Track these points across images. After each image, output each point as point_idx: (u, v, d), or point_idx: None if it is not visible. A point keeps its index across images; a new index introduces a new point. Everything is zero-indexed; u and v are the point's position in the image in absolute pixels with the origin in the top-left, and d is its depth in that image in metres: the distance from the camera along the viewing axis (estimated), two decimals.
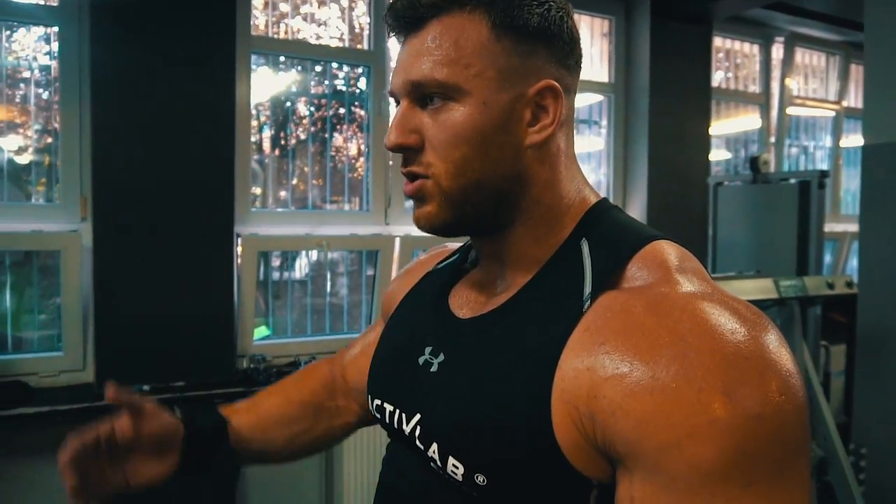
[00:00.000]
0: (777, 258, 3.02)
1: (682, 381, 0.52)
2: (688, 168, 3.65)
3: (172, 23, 2.45)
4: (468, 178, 0.67)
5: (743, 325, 0.55)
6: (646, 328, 0.56)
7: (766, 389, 0.52)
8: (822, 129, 4.63)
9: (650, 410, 0.53)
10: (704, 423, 0.51)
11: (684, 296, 0.58)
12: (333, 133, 3.11)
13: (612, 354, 0.56)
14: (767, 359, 0.53)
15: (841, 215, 4.47)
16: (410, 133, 0.68)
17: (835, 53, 4.54)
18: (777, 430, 0.51)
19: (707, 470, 0.51)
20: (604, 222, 0.70)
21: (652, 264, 0.63)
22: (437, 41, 0.66)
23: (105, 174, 2.40)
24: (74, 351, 2.44)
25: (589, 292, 0.63)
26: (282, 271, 3.08)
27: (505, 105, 0.66)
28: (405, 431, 0.73)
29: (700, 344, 0.53)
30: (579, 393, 0.57)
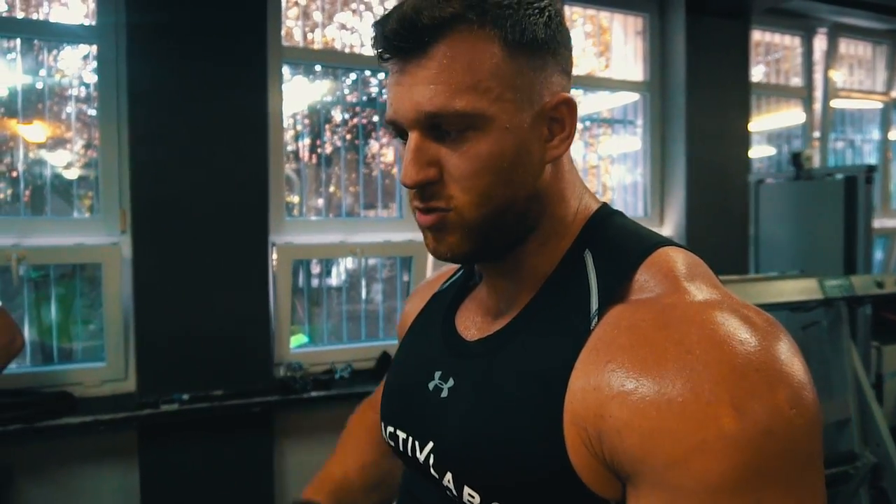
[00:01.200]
0: (823, 257, 2.92)
1: (688, 395, 0.50)
2: (727, 166, 3.56)
3: (205, 37, 2.50)
4: (492, 207, 0.63)
5: (753, 335, 0.53)
6: (652, 342, 0.54)
7: (777, 402, 0.50)
8: (870, 121, 4.47)
9: (656, 426, 0.51)
10: (712, 438, 0.49)
11: (693, 306, 0.56)
12: (368, 140, 3.12)
13: (617, 372, 0.55)
14: (778, 370, 0.51)
15: (892, 210, 4.30)
16: (429, 167, 0.63)
17: (881, 43, 4.38)
18: (787, 444, 0.50)
19: (715, 485, 0.49)
20: (606, 230, 0.67)
21: (659, 273, 0.61)
22: (448, 66, 0.60)
23: (143, 187, 2.45)
24: (116, 361, 2.50)
25: (596, 309, 0.61)
26: (321, 278, 3.11)
27: (527, 126, 0.63)
28: (419, 459, 0.71)
29: (707, 356, 0.51)
30: (587, 413, 0.56)
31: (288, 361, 2.73)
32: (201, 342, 2.51)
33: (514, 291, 0.70)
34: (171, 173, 2.48)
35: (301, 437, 2.76)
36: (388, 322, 3.17)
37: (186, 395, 2.44)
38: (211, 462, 2.52)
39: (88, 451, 2.43)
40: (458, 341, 0.73)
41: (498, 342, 0.67)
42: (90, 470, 2.45)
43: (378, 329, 3.15)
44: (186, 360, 2.49)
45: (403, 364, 0.82)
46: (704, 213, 3.49)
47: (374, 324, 3.16)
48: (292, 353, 2.79)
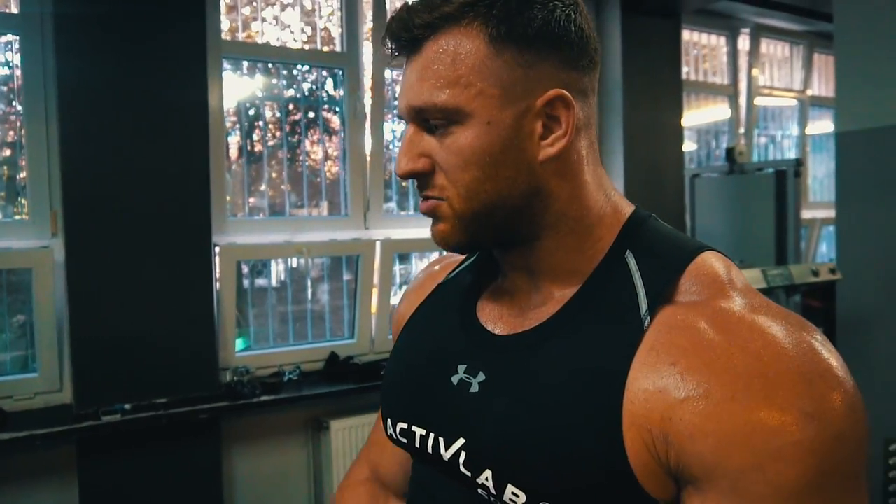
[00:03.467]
0: (756, 247, 3.06)
1: (762, 402, 0.52)
2: (663, 160, 3.68)
3: (141, 29, 2.38)
4: (481, 201, 0.64)
5: (808, 342, 0.55)
6: (717, 347, 0.55)
7: (843, 406, 0.52)
8: (789, 118, 4.71)
9: (730, 432, 0.52)
10: (788, 445, 0.51)
11: (745, 311, 0.58)
12: (304, 138, 3.06)
13: (685, 375, 0.55)
14: (838, 375, 0.54)
15: (810, 202, 4.54)
16: (419, 158, 0.65)
17: (798, 43, 4.62)
18: (855, 447, 0.52)
19: (789, 491, 0.51)
20: (646, 233, 0.68)
21: (705, 278, 0.62)
22: (434, 63, 0.63)
23: (75, 187, 2.31)
24: (50, 371, 2.35)
25: (646, 309, 0.61)
26: (251, 279, 3.01)
27: (511, 122, 0.63)
28: (443, 457, 0.68)
29: (777, 363, 0.53)
30: (652, 416, 0.56)
31: (234, 366, 2.64)
32: (142, 349, 2.40)
33: (544, 287, 0.69)
34: (105, 172, 2.35)
35: (250, 443, 2.69)
36: (335, 321, 3.12)
37: (128, 404, 2.33)
38: (156, 474, 2.42)
39: (21, 469, 2.28)
40: (486, 334, 0.71)
41: (538, 337, 0.66)
42: (24, 489, 2.30)
43: (324, 330, 3.10)
44: (127, 368, 2.37)
45: (409, 358, 0.79)
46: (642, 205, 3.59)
47: (320, 324, 3.10)
48: (237, 356, 2.71)
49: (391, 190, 3.22)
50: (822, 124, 4.94)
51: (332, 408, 2.76)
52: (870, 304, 2.65)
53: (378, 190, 3.06)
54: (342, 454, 2.70)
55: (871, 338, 2.64)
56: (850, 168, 2.72)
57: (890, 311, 2.61)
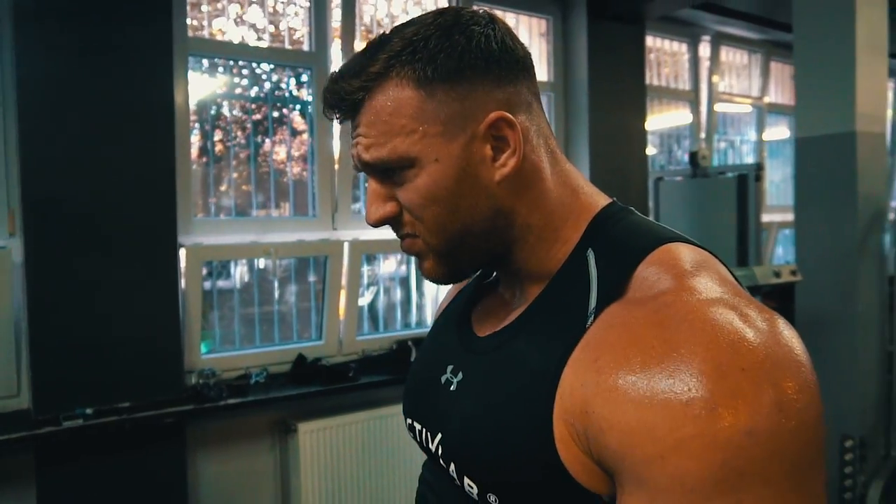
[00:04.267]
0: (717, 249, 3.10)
1: (668, 393, 0.50)
2: (627, 164, 3.74)
3: (104, 25, 2.32)
4: (449, 232, 0.67)
5: (750, 333, 0.52)
6: (640, 340, 0.54)
7: (761, 403, 0.49)
8: (747, 123, 4.83)
9: (635, 423, 0.52)
10: (689, 437, 0.49)
11: (691, 303, 0.55)
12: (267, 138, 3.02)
13: (603, 369, 0.55)
14: (768, 370, 0.50)
15: (767, 206, 4.67)
16: (386, 203, 0.69)
17: (756, 51, 4.75)
18: (771, 447, 0.48)
19: (691, 485, 0.49)
20: (612, 228, 0.67)
21: (661, 269, 0.60)
22: (374, 121, 0.65)
23: (34, 186, 2.24)
24: (6, 376, 2.27)
25: (594, 307, 0.61)
26: (214, 280, 2.96)
27: (459, 154, 0.65)
28: (432, 450, 0.74)
29: (693, 354, 0.51)
30: (575, 410, 0.57)
31: (199, 368, 2.59)
32: (105, 351, 2.33)
33: (523, 291, 0.72)
34: (66, 170, 2.28)
35: (217, 447, 2.64)
36: (301, 323, 3.09)
37: (90, 409, 2.26)
38: (119, 480, 2.35)
39: None
40: (471, 337, 0.75)
41: (502, 338, 0.69)
42: None
43: (292, 331, 3.06)
44: (89, 372, 2.31)
45: (422, 358, 0.85)
46: None
47: (288, 326, 3.06)
48: (203, 358, 2.66)
49: (359, 191, 3.21)
50: (779, 130, 5.09)
51: (299, 410, 2.73)
52: (827, 305, 2.74)
53: (346, 191, 3.04)
54: (310, 457, 2.67)
55: (827, 337, 2.73)
56: (808, 173, 2.81)
57: (845, 311, 2.70)
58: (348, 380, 2.75)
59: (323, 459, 2.70)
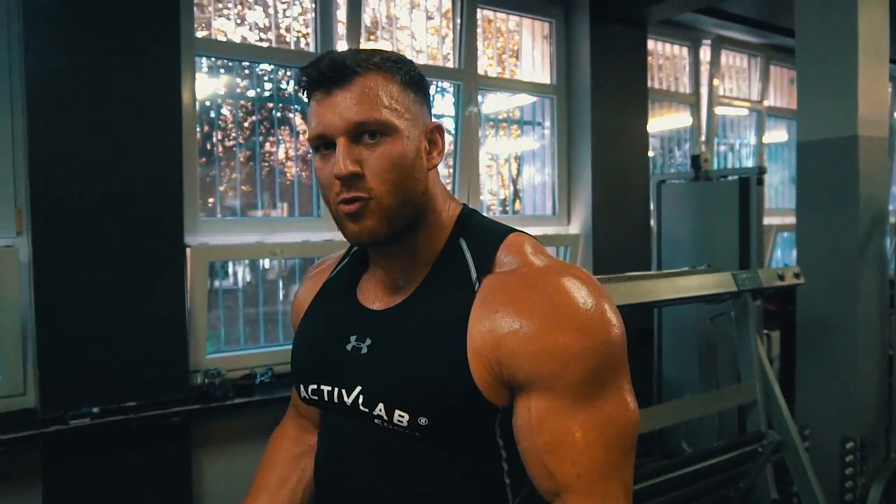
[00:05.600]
0: (720, 252, 3.15)
1: (556, 328, 0.79)
2: (629, 166, 3.76)
3: (114, 23, 2.33)
4: (401, 196, 0.86)
5: (582, 286, 0.82)
6: (523, 296, 0.82)
7: (608, 325, 0.80)
8: (746, 127, 4.86)
9: (538, 349, 0.79)
10: (576, 353, 0.78)
11: (542, 270, 0.85)
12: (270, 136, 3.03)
13: (505, 317, 0.82)
14: (603, 305, 0.81)
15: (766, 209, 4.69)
16: (355, 163, 0.84)
17: (756, 55, 4.78)
18: (616, 348, 0.81)
19: (580, 382, 0.79)
20: (473, 224, 0.94)
21: (512, 251, 0.88)
22: (369, 92, 0.84)
23: (42, 185, 2.24)
24: (14, 375, 2.28)
25: (475, 277, 0.87)
26: (220, 280, 2.96)
27: (417, 138, 0.88)
28: (346, 403, 0.91)
29: (562, 302, 0.80)
30: (486, 346, 0.82)
31: (205, 368, 2.60)
32: (111, 350, 2.34)
33: (409, 270, 0.92)
34: (74, 169, 2.29)
35: (222, 447, 2.64)
36: None
37: (97, 407, 2.27)
38: (125, 479, 2.36)
39: None
40: (367, 312, 0.95)
41: (405, 309, 0.90)
42: None
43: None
44: (95, 371, 2.31)
45: (312, 336, 1.00)
46: (609, 211, 3.67)
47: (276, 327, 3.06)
48: (208, 358, 2.66)
49: None
50: (778, 134, 5.12)
51: None
52: (828, 308, 2.76)
53: None
54: None
55: (829, 340, 2.75)
56: (809, 176, 2.83)
57: (846, 314, 2.72)
58: None
59: None
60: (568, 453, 0.79)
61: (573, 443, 0.79)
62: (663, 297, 2.15)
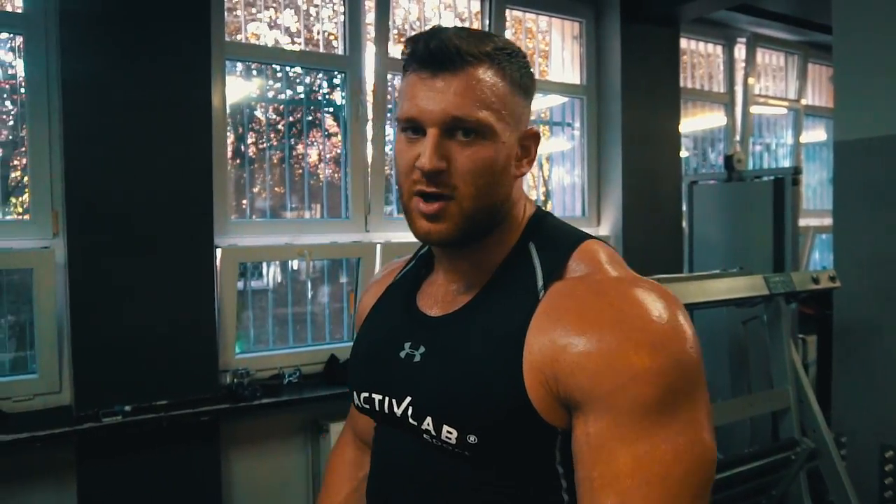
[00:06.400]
0: (753, 255, 3.08)
1: (622, 341, 0.70)
2: (660, 167, 3.70)
3: (146, 29, 2.38)
4: (485, 202, 0.80)
5: (658, 299, 0.73)
6: (590, 305, 0.74)
7: (682, 343, 0.71)
8: (783, 126, 4.75)
9: (600, 364, 0.70)
10: (643, 371, 0.68)
11: (614, 280, 0.77)
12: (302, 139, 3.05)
13: (567, 327, 0.73)
14: (679, 321, 0.72)
15: (803, 210, 4.58)
16: (441, 159, 0.78)
17: (793, 53, 4.67)
18: (690, 370, 0.71)
19: (646, 404, 0.68)
20: (544, 227, 0.87)
21: (585, 259, 0.81)
22: (475, 86, 0.77)
23: (77, 187, 2.30)
24: (50, 373, 2.34)
25: (542, 285, 0.80)
26: (248, 280, 3.00)
27: (512, 144, 0.82)
28: (396, 414, 0.85)
29: (632, 313, 0.72)
30: (544, 360, 0.74)
31: (234, 368, 2.63)
32: (143, 350, 2.38)
33: (470, 277, 0.87)
34: (107, 173, 2.34)
35: (250, 446, 2.68)
36: (333, 324, 3.12)
37: (129, 406, 2.31)
38: (155, 476, 2.40)
39: (20, 470, 2.27)
40: (424, 318, 0.89)
41: (463, 315, 0.84)
42: (23, 491, 2.28)
43: (325, 332, 3.09)
44: (128, 370, 2.36)
45: (369, 341, 0.96)
46: (640, 213, 3.62)
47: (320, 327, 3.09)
48: (237, 358, 2.70)
49: (391, 194, 3.23)
50: (816, 133, 5.00)
51: (331, 410, 2.75)
52: (866, 312, 2.68)
53: (379, 193, 3.06)
54: None
55: (867, 345, 2.67)
56: (847, 177, 2.75)
57: (885, 319, 2.64)
58: None
59: None
60: (624, 491, 0.67)
61: (631, 479, 0.67)
62: (694, 300, 2.11)
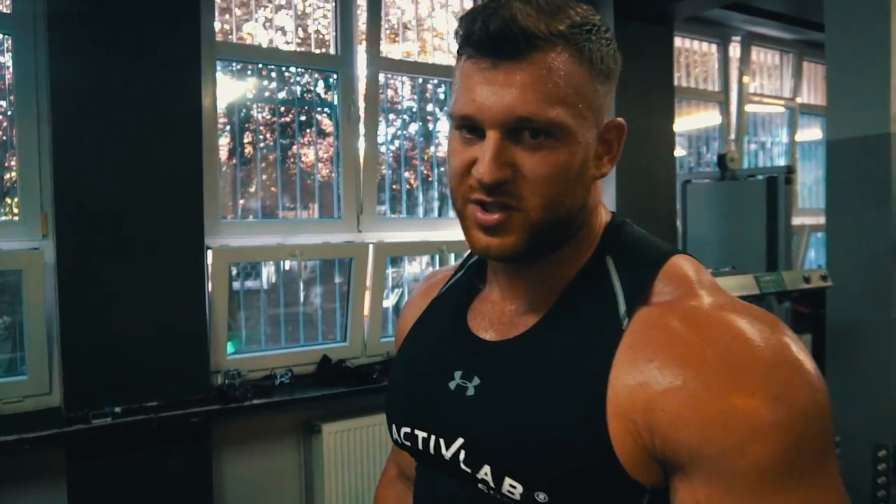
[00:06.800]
0: (747, 254, 3.08)
1: (735, 389, 0.57)
2: (655, 166, 3.69)
3: (135, 29, 2.37)
4: (556, 213, 0.67)
5: (772, 333, 0.59)
6: (689, 342, 0.60)
7: (810, 390, 0.57)
8: (778, 125, 4.75)
9: (708, 418, 0.57)
10: (762, 426, 0.55)
11: (713, 308, 0.63)
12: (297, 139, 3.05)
13: (663, 369, 0.60)
14: (801, 361, 0.59)
15: (799, 209, 4.58)
16: (504, 167, 0.65)
17: (788, 52, 4.66)
18: (821, 425, 0.57)
19: (767, 468, 0.56)
20: (622, 239, 0.73)
21: (675, 279, 0.67)
22: (546, 77, 0.63)
23: (67, 188, 2.29)
24: (39, 374, 2.33)
25: (625, 310, 0.66)
26: (241, 280, 3.00)
27: (592, 143, 0.68)
28: (444, 456, 0.73)
29: (743, 354, 0.58)
30: (635, 407, 0.61)
31: (225, 368, 2.63)
32: (133, 351, 2.38)
33: (535, 294, 0.73)
34: (97, 173, 2.33)
35: (242, 447, 2.67)
36: (326, 324, 3.11)
37: (119, 407, 2.31)
38: (146, 477, 2.39)
39: (10, 472, 2.26)
40: (477, 342, 0.75)
41: (527, 341, 0.70)
42: (12, 493, 2.27)
43: (317, 332, 3.09)
44: (118, 371, 2.35)
45: (412, 366, 0.83)
46: (634, 211, 3.61)
47: (313, 327, 3.09)
48: (229, 359, 2.69)
49: (384, 193, 3.22)
50: (812, 132, 4.99)
51: (324, 411, 2.75)
52: (859, 311, 2.67)
53: (371, 193, 3.05)
54: (334, 458, 2.69)
55: (860, 344, 2.67)
56: (839, 175, 2.75)
57: (878, 317, 2.63)
58: (372, 381, 2.77)
59: (347, 460, 2.72)
60: None
61: None
62: None
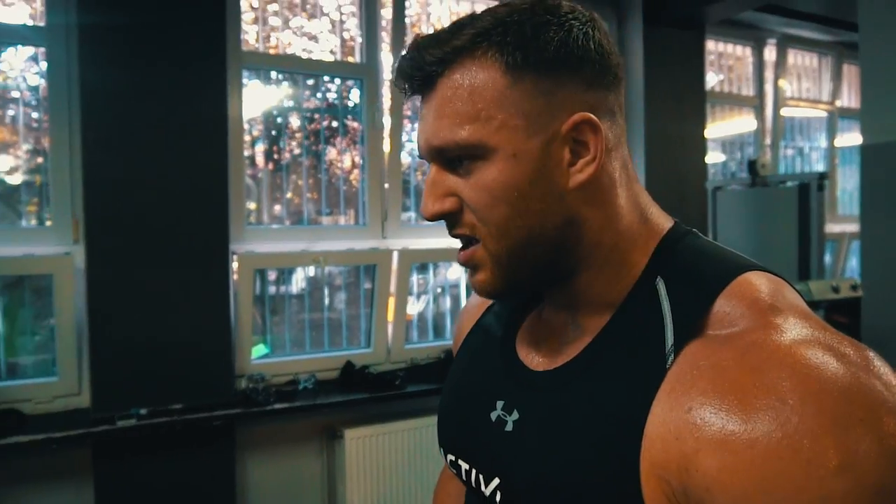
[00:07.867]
0: (778, 262, 3.00)
1: (786, 452, 0.46)
2: (685, 172, 3.63)
3: (162, 40, 2.42)
4: (514, 238, 0.61)
5: (853, 378, 0.47)
6: (739, 388, 0.49)
7: (886, 456, 0.45)
8: (817, 129, 4.62)
9: (751, 487, 0.47)
10: (816, 500, 0.44)
11: (782, 345, 0.51)
12: (327, 146, 3.08)
13: (702, 421, 0.50)
14: (884, 418, 0.46)
15: (838, 215, 4.45)
16: (446, 198, 0.63)
17: (827, 54, 4.54)
18: None
19: None
20: (680, 254, 0.63)
21: (742, 304, 0.55)
22: (450, 99, 0.60)
23: (97, 195, 2.36)
24: (69, 375, 2.40)
25: (671, 345, 0.56)
26: (278, 286, 3.05)
27: (537, 152, 0.60)
28: (484, 493, 0.68)
29: (804, 406, 0.46)
30: (669, 465, 0.52)
31: (249, 373, 2.66)
32: (159, 354, 2.43)
33: (580, 318, 0.66)
34: (126, 180, 2.39)
35: (264, 451, 2.70)
36: (351, 330, 3.13)
37: (144, 409, 2.36)
38: (170, 478, 2.44)
39: (39, 470, 2.33)
40: (522, 370, 0.69)
41: (567, 376, 0.64)
42: (41, 491, 2.34)
43: (342, 338, 3.11)
44: (144, 374, 2.40)
45: (460, 388, 0.78)
46: None
47: (338, 332, 3.11)
48: (253, 363, 2.73)
49: (409, 199, 3.23)
50: (852, 136, 4.85)
51: (346, 417, 2.77)
52: (894, 322, 2.58)
53: (396, 200, 3.06)
54: (356, 463, 2.70)
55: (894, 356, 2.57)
56: (874, 181, 2.66)
57: None
58: (395, 388, 2.77)
59: (369, 466, 2.73)
60: None
61: None
62: None
